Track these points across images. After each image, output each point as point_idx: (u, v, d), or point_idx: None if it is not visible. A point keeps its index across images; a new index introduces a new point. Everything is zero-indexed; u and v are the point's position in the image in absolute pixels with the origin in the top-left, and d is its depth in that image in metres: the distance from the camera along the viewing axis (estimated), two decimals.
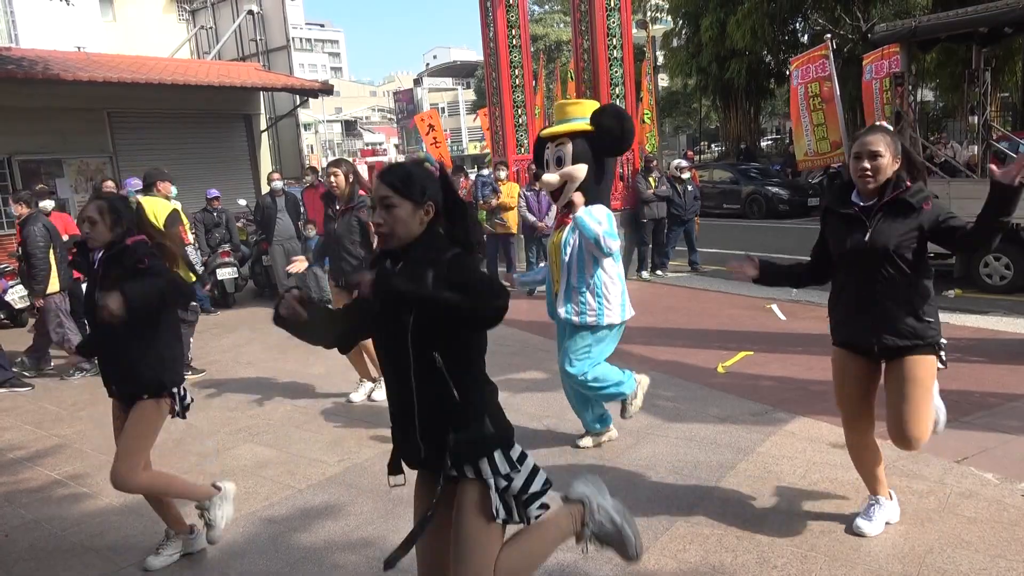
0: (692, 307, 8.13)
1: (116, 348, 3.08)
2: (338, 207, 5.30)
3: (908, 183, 2.88)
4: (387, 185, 2.08)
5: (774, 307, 7.65)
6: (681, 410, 4.80)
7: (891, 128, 2.97)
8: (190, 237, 6.70)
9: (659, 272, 10.24)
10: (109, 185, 8.01)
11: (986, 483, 3.49)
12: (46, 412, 5.72)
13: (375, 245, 5.06)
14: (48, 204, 7.12)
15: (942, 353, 2.95)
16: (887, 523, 3.14)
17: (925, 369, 2.90)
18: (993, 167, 2.72)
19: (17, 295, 8.90)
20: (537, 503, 2.12)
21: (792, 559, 2.96)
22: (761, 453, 4.02)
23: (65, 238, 7.06)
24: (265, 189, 10.91)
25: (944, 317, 3.46)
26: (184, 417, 3.30)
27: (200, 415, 3.39)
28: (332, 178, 5.23)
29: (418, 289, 1.93)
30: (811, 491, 3.53)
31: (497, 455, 2.07)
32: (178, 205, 6.71)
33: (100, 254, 3.14)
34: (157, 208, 6.22)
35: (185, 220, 6.83)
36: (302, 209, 10.03)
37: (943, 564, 2.85)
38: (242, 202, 11.55)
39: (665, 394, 5.08)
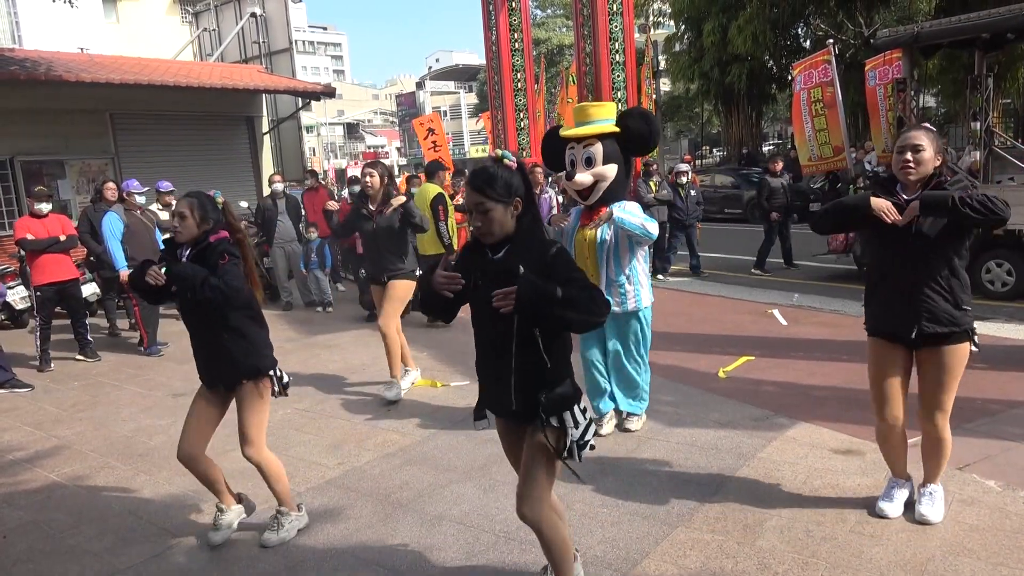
0: (693, 312, 8.12)
1: (211, 338, 3.33)
2: (372, 207, 5.52)
3: (949, 177, 3.02)
4: (478, 192, 2.37)
5: (775, 312, 7.63)
6: (682, 415, 4.78)
7: (934, 129, 3.11)
8: (449, 219, 7.46)
9: (660, 276, 10.23)
10: (111, 187, 7.99)
11: (988, 490, 3.48)
12: (46, 413, 5.71)
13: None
14: (44, 207, 7.06)
15: (975, 337, 3.09)
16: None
17: (959, 359, 3.07)
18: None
19: (18, 296, 8.89)
20: (587, 447, 2.52)
21: (793, 566, 2.95)
22: (762, 459, 4.01)
23: (62, 238, 7.02)
24: (266, 191, 10.92)
25: None
26: (286, 394, 3.52)
27: None
28: (368, 179, 5.49)
29: (557, 308, 2.23)
30: (812, 497, 3.52)
31: (576, 408, 2.49)
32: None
33: (187, 251, 3.36)
34: (428, 192, 7.51)
35: (450, 204, 7.68)
36: (303, 211, 10.02)
37: (945, 572, 2.84)
38: (243, 204, 11.55)
39: (666, 399, 5.07)
